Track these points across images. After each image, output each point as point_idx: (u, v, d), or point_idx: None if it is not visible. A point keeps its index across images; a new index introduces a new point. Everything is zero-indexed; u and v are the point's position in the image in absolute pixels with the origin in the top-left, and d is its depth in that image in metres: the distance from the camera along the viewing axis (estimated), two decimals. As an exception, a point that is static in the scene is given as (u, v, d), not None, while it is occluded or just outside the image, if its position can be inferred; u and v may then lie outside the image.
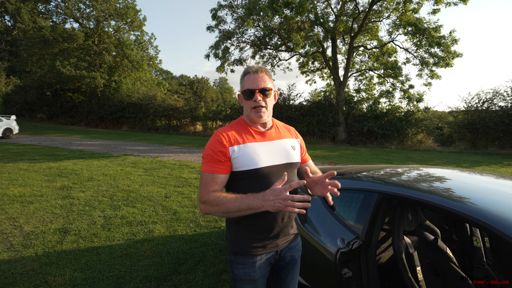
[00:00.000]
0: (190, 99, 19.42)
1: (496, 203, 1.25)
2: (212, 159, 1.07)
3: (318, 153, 10.24)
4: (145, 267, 2.39)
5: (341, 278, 1.39)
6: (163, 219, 3.48)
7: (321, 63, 16.86)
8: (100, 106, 19.25)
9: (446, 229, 1.89)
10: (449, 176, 1.74)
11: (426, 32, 12.06)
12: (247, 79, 1.13)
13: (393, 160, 8.84)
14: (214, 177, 1.06)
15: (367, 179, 1.69)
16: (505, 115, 11.68)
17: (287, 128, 1.30)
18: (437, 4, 12.15)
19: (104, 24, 20.24)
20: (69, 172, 5.75)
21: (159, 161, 7.37)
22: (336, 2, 13.87)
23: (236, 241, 1.14)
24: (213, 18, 13.89)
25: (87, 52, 18.74)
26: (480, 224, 1.09)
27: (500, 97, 12.28)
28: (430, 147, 12.74)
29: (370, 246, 1.44)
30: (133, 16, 20.69)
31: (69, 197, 4.18)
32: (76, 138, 12.54)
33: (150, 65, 24.37)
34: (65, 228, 3.13)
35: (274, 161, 1.12)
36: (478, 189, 1.48)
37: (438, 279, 1.58)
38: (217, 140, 1.08)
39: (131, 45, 20.32)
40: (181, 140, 13.20)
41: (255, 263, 1.12)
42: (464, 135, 12.83)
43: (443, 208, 1.24)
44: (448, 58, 12.27)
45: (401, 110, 13.75)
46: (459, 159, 9.29)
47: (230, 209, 0.98)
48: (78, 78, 18.17)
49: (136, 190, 4.67)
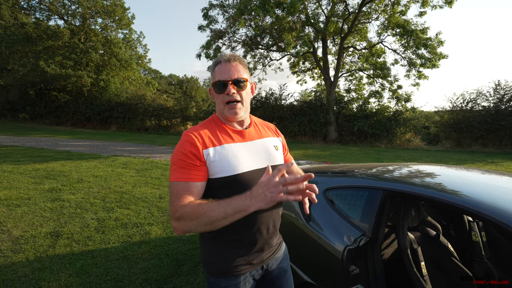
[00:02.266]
0: (180, 98, 19.18)
1: (497, 197, 1.29)
2: (184, 164, 0.89)
3: (310, 152, 10.33)
4: (143, 269, 2.33)
5: (348, 275, 1.40)
6: (159, 220, 3.41)
7: (311, 63, 17.02)
8: (87, 105, 18.67)
9: (444, 225, 1.94)
10: (447, 173, 1.78)
11: (414, 34, 12.39)
12: (218, 69, 0.96)
13: (383, 159, 9.03)
14: (188, 186, 0.87)
15: (371, 177, 1.71)
16: (487, 114, 12.15)
17: (267, 126, 1.16)
18: (423, 7, 12.50)
19: (90, 22, 19.65)
20: (57, 174, 5.55)
21: (151, 162, 7.24)
22: (327, 3, 14.04)
23: (214, 262, 0.98)
24: (204, 17, 13.76)
25: (73, 50, 18.13)
26: (482, 216, 1.13)
27: (483, 97, 12.78)
28: (417, 146, 13.10)
29: (376, 243, 1.46)
30: (121, 14, 20.19)
31: (59, 200, 4.03)
32: (63, 139, 12.12)
33: (139, 64, 23.87)
34: (56, 231, 3.01)
35: (255, 164, 0.97)
36: (472, 183, 1.54)
37: (440, 274, 1.62)
38: (188, 141, 0.91)
39: (119, 43, 19.82)
40: (172, 140, 13.00)
41: (239, 284, 0.97)
42: (450, 134, 13.27)
43: (446, 203, 1.27)
44: (435, 59, 12.65)
45: (390, 110, 14.07)
46: (445, 157, 9.60)
47: (214, 217, 0.79)
48: (64, 77, 17.55)
49: (129, 191, 4.56)
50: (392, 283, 1.68)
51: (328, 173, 2.08)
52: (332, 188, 1.81)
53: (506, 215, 1.09)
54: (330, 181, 1.87)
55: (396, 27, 12.93)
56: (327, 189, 1.81)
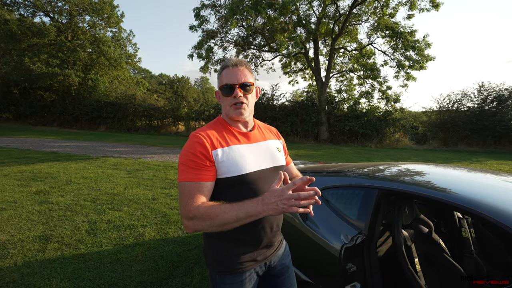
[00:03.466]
0: (171, 98, 18.96)
1: (488, 195, 1.35)
2: (194, 164, 0.91)
3: (302, 152, 10.42)
4: (138, 272, 2.30)
5: (345, 273, 1.43)
6: (153, 222, 3.37)
7: (303, 64, 17.17)
8: (74, 105, 18.18)
9: (435, 222, 2.00)
10: (436, 171, 1.84)
11: (402, 36, 12.69)
12: (225, 73, 1.00)
13: (374, 158, 9.21)
14: (200, 186, 0.90)
15: (366, 177, 1.75)
16: (472, 115, 12.58)
17: (269, 129, 1.22)
18: (411, 10, 12.82)
19: (78, 19, 19.13)
20: (44, 176, 5.39)
21: (142, 163, 7.12)
22: (318, 5, 14.19)
23: (221, 259, 1.01)
24: (196, 17, 13.64)
25: (60, 48, 17.61)
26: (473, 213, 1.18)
27: (468, 98, 13.23)
28: (406, 145, 13.42)
29: (372, 241, 1.49)
30: (110, 12, 19.73)
31: (47, 202, 3.91)
32: (49, 140, 11.76)
33: (128, 63, 23.42)
34: (46, 235, 2.93)
35: (261, 165, 1.02)
36: (460, 181, 1.60)
37: (433, 270, 1.67)
38: (197, 142, 0.93)
39: (108, 42, 19.37)
40: (164, 141, 12.84)
41: (244, 280, 1.01)
42: (437, 133, 13.66)
43: (438, 200, 1.31)
44: (422, 61, 13.00)
45: (379, 110, 14.36)
46: (433, 157, 9.88)
47: (227, 220, 0.83)
48: (50, 75, 17.02)
49: (120, 193, 4.47)
50: (387, 279, 1.72)
51: (323, 172, 2.10)
52: (328, 187, 1.83)
53: (493, 210, 1.15)
54: (325, 181, 1.89)
55: (386, 29, 13.20)
56: (323, 189, 1.83)
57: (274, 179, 1.07)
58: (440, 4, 11.98)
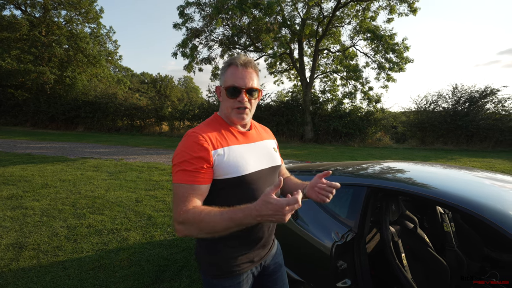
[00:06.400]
0: (155, 98, 18.46)
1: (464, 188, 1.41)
2: (190, 166, 0.86)
3: (288, 151, 10.51)
4: (123, 278, 2.20)
5: (336, 270, 1.45)
6: (137, 225, 3.25)
7: (288, 64, 17.34)
8: (50, 104, 17.21)
9: (419, 218, 2.08)
10: (420, 169, 1.92)
11: (383, 39, 13.15)
12: (232, 72, 0.94)
13: (357, 157, 9.47)
14: (194, 189, 0.85)
15: (355, 175, 1.78)
16: (447, 115, 13.27)
17: (264, 129, 1.20)
18: (391, 14, 13.33)
19: (53, 14, 18.15)
20: (16, 179, 5.05)
21: (125, 164, 6.87)
22: (303, 6, 14.38)
23: (217, 262, 0.97)
24: (180, 15, 13.38)
25: (33, 43, 16.63)
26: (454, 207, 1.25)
27: (443, 99, 13.94)
28: (387, 144, 13.92)
29: (362, 238, 1.52)
30: (88, 7, 18.89)
31: (20, 207, 3.67)
32: (22, 141, 11.07)
33: (108, 61, 22.54)
34: (19, 242, 2.74)
35: (260, 165, 1.00)
36: (439, 177, 1.69)
37: (418, 264, 1.73)
38: (196, 142, 0.88)
39: (86, 38, 18.55)
40: (147, 141, 12.48)
41: (242, 282, 0.99)
42: (415, 133, 14.27)
43: (424, 196, 1.37)
44: (401, 63, 13.55)
45: (362, 111, 14.78)
46: (412, 155, 10.31)
47: (216, 229, 0.79)
48: (22, 72, 16.04)
49: (102, 195, 4.28)
50: (375, 275, 1.76)
51: (312, 171, 2.12)
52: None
53: (469, 203, 1.22)
54: (315, 180, 1.91)
55: (367, 32, 13.62)
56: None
57: (272, 178, 1.06)
58: (418, 9, 12.54)
